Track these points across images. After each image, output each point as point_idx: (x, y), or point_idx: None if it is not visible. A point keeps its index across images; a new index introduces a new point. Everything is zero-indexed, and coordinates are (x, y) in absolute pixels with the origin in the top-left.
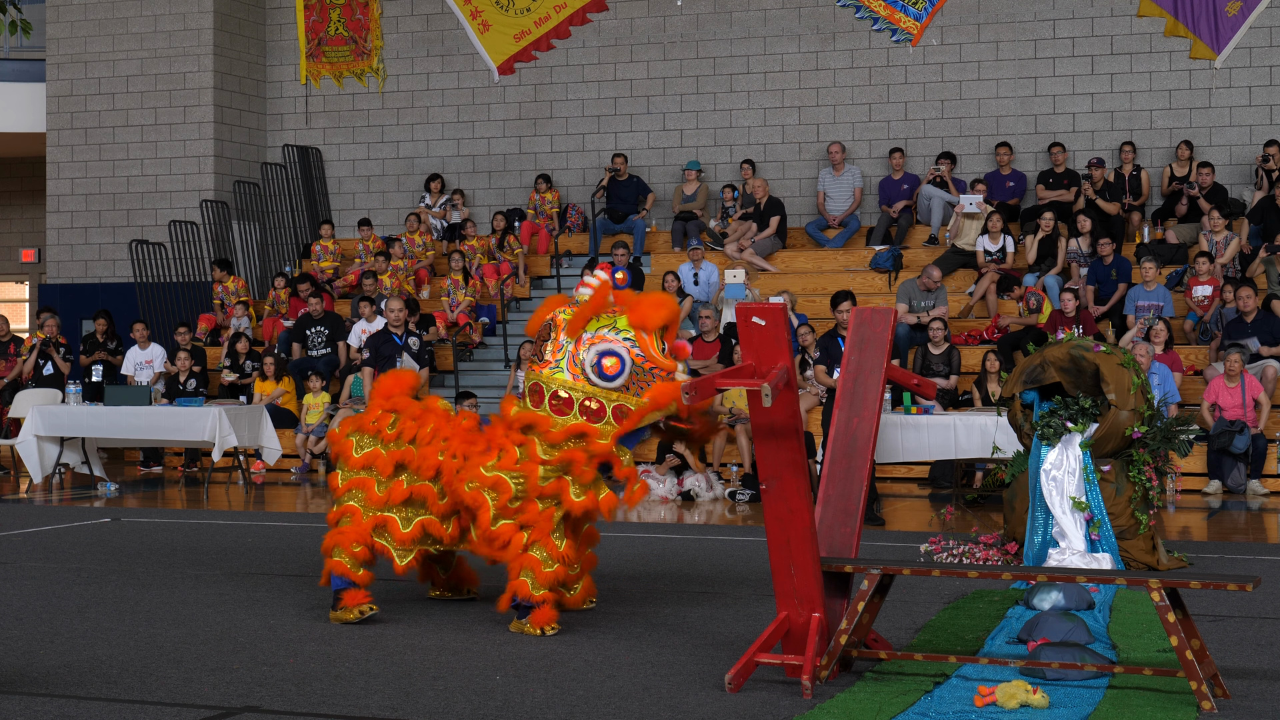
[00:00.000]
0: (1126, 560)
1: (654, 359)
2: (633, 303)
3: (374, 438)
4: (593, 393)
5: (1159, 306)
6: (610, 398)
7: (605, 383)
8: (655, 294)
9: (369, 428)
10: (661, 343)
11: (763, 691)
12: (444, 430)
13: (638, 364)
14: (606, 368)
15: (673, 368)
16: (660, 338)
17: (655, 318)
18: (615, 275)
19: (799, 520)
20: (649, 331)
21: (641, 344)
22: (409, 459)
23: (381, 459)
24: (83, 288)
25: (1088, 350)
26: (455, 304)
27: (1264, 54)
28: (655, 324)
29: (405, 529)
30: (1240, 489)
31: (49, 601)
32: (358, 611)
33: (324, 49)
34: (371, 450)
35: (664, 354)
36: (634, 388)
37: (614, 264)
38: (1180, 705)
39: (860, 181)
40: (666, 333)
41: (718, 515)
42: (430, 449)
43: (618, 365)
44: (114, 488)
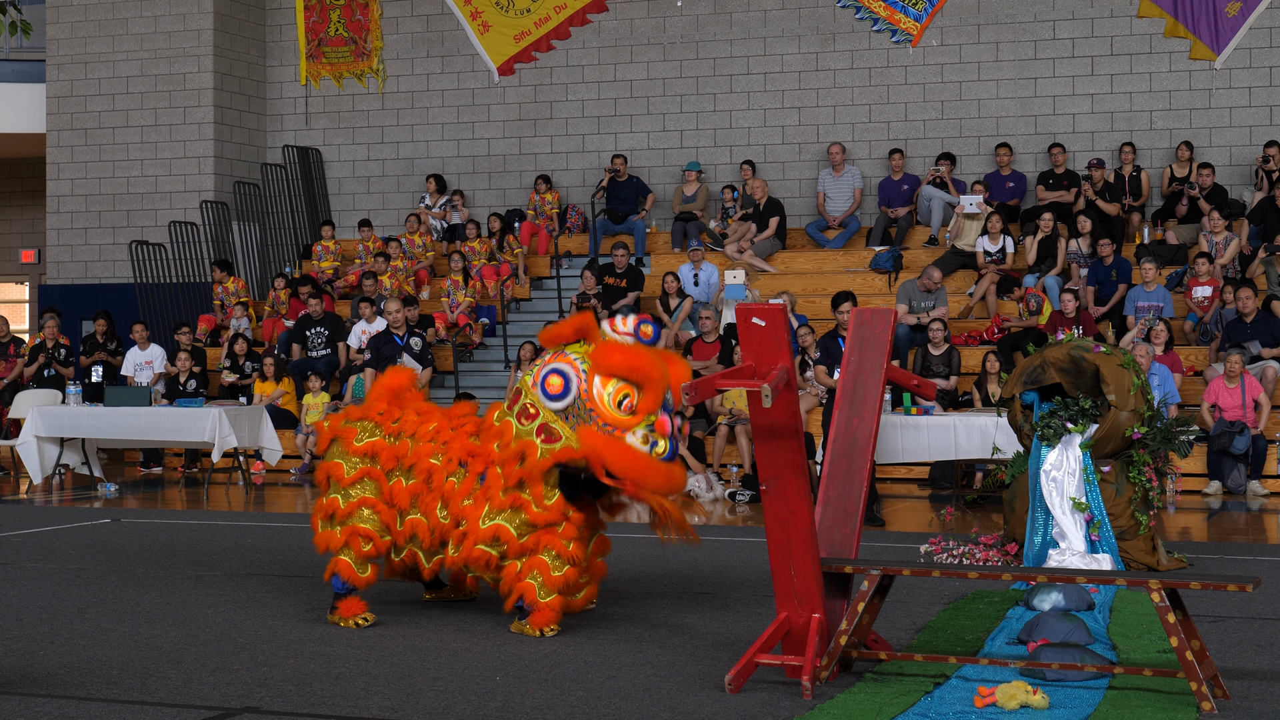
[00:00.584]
0: (1126, 561)
1: (596, 403)
2: (611, 345)
3: (377, 427)
4: (535, 400)
5: (1159, 307)
6: (545, 414)
7: (545, 399)
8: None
9: (373, 417)
10: (621, 397)
11: (763, 692)
12: (444, 432)
13: (581, 396)
14: (549, 385)
15: (620, 423)
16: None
17: (609, 362)
18: (640, 329)
19: (799, 521)
20: (603, 375)
21: (591, 383)
22: (403, 454)
23: (386, 450)
24: (83, 288)
25: (1088, 351)
26: (455, 304)
27: (1264, 55)
28: (607, 368)
29: (399, 526)
30: (1240, 490)
31: (49, 602)
32: (354, 622)
33: (324, 50)
34: (376, 440)
35: (619, 408)
36: (570, 419)
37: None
38: (1180, 706)
39: (860, 182)
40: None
41: (718, 516)
42: (425, 448)
43: (561, 386)
44: (114, 488)
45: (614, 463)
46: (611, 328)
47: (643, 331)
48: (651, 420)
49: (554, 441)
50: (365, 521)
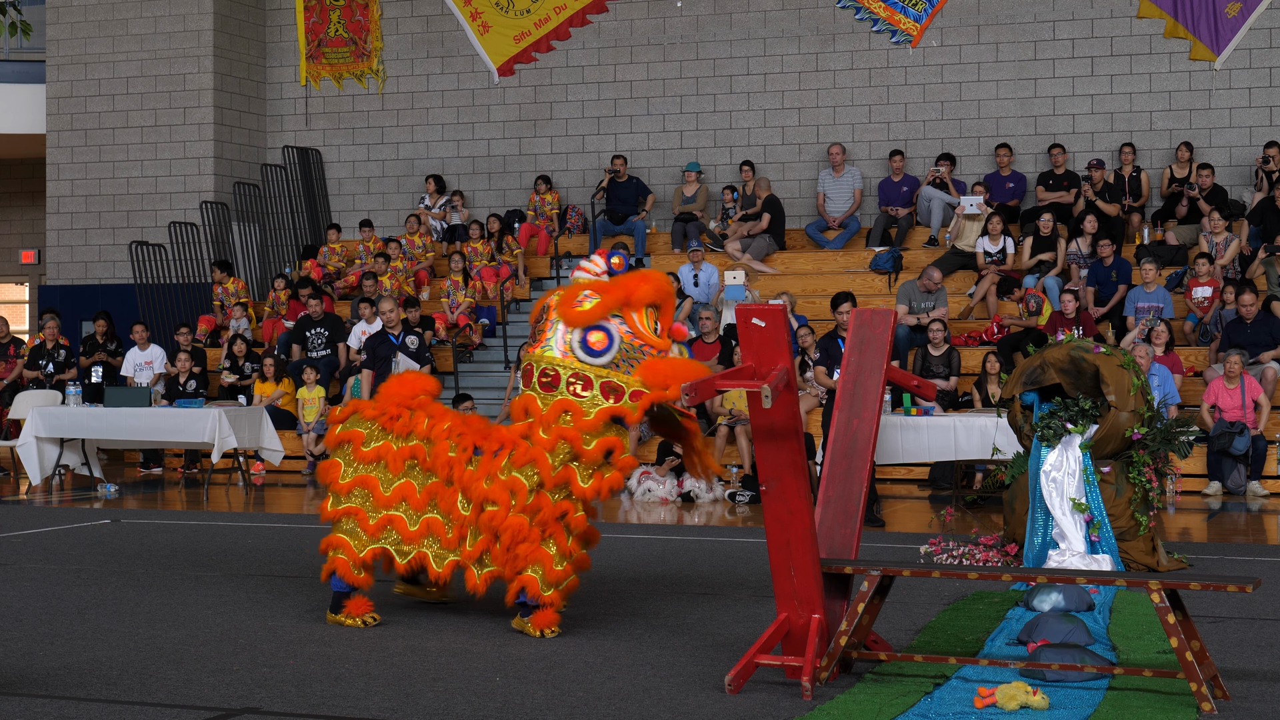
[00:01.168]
0: (1126, 561)
1: (643, 336)
2: (620, 280)
3: (384, 430)
4: (580, 369)
5: (1159, 308)
6: (599, 374)
7: (592, 358)
8: (645, 271)
9: (383, 421)
10: (654, 322)
11: (763, 693)
12: (458, 426)
13: (626, 341)
14: (592, 343)
15: (663, 345)
16: (652, 317)
17: (639, 293)
18: (611, 260)
19: (799, 521)
20: (635, 308)
21: (629, 321)
22: (420, 454)
23: (393, 453)
24: (83, 289)
25: (1087, 352)
26: (455, 305)
27: (1264, 55)
28: (639, 300)
29: (412, 527)
30: (1240, 490)
31: (49, 603)
32: (361, 621)
33: (324, 50)
34: (382, 444)
35: (656, 333)
36: (624, 365)
37: (611, 250)
38: (1180, 707)
39: (860, 183)
40: (661, 313)
41: (718, 516)
42: (443, 445)
43: (605, 341)
44: (114, 489)
45: (687, 376)
46: (585, 272)
47: (614, 263)
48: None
49: (620, 399)
50: (346, 534)
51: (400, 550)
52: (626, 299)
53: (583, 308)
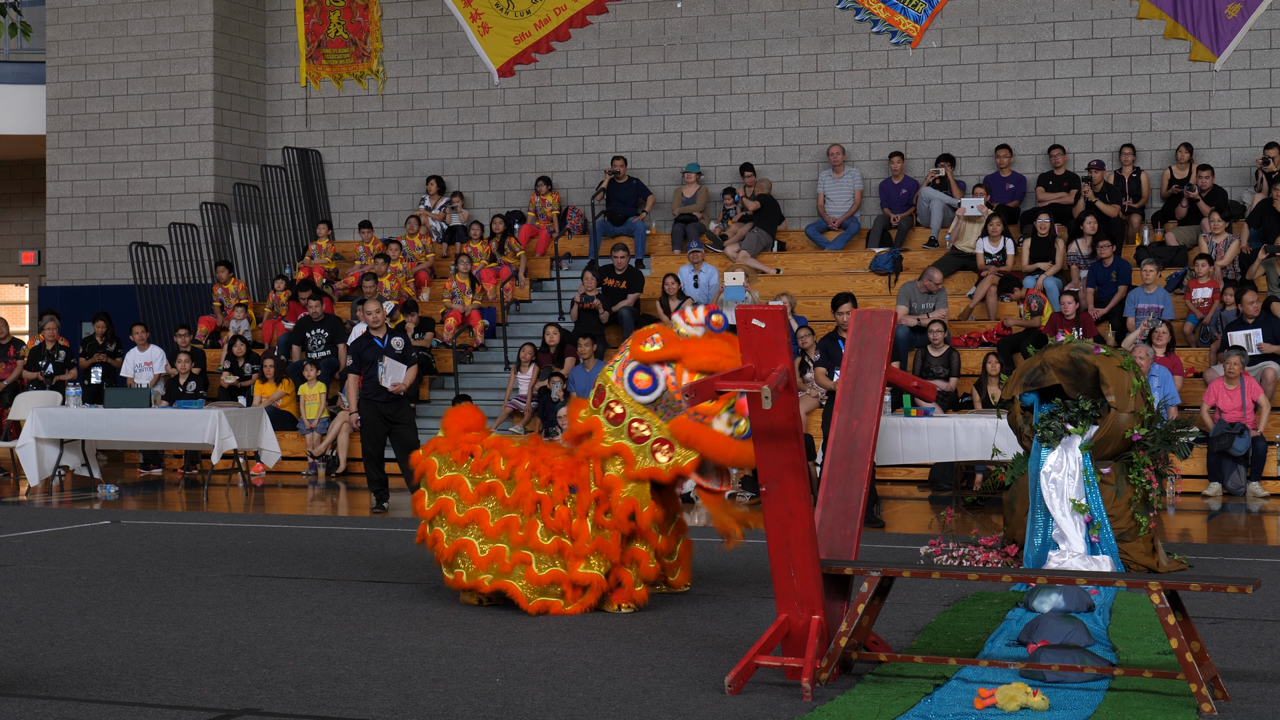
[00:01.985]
0: (1126, 562)
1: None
2: (694, 340)
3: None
4: (621, 398)
5: (1159, 309)
6: (634, 409)
7: (634, 394)
8: (721, 339)
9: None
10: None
11: (763, 694)
12: (539, 467)
13: (669, 391)
14: (638, 380)
15: (706, 410)
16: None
17: (693, 359)
18: (711, 318)
19: (799, 522)
20: (689, 369)
21: (679, 375)
22: (499, 492)
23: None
24: (83, 290)
25: (1087, 352)
26: (462, 306)
27: (1264, 56)
28: (691, 365)
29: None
30: (1240, 491)
31: (49, 604)
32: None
33: (324, 51)
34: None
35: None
36: (661, 411)
37: (714, 309)
38: (1180, 708)
39: (860, 184)
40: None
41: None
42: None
43: (649, 382)
44: (114, 490)
45: (709, 448)
46: (683, 319)
47: (714, 321)
48: (733, 403)
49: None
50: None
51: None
52: (679, 356)
53: (645, 348)
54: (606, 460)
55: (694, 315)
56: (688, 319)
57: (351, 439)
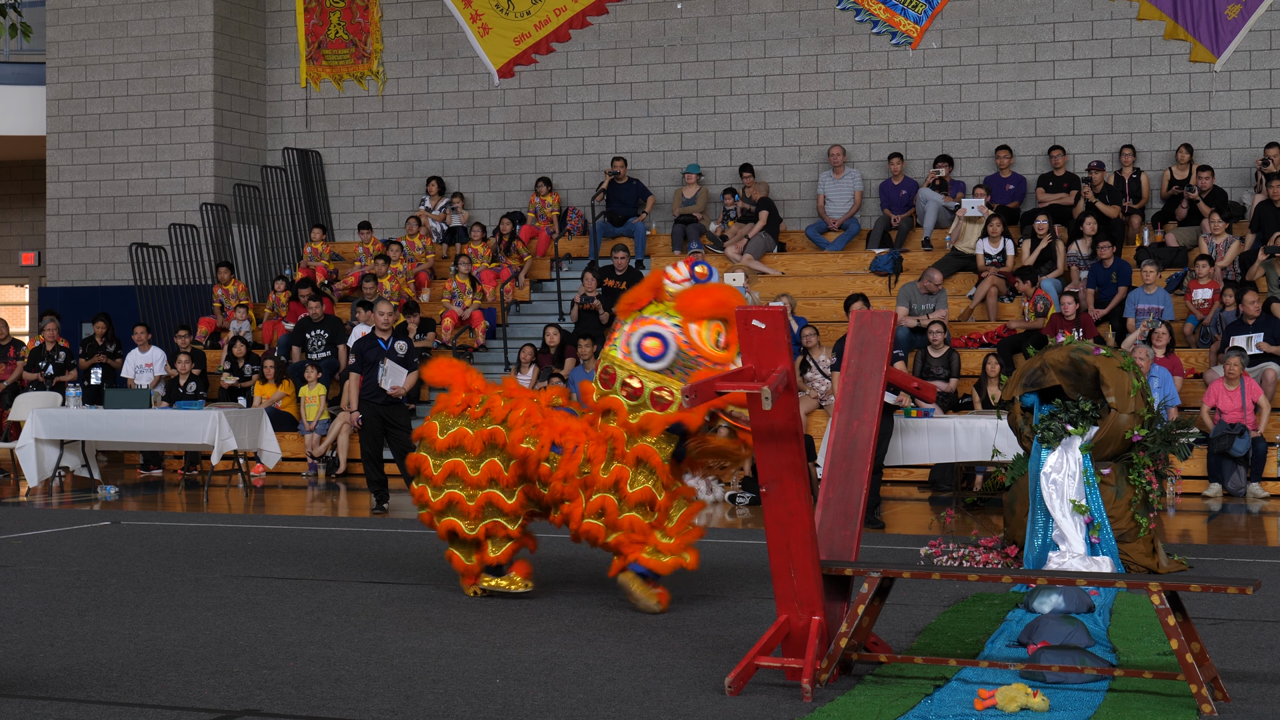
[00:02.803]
0: (1126, 563)
1: (699, 347)
2: (692, 292)
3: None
4: (635, 371)
5: (1159, 310)
6: (651, 379)
7: (646, 363)
8: (713, 285)
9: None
10: (716, 334)
11: (763, 695)
12: (535, 416)
13: (683, 349)
14: (647, 348)
15: (723, 359)
16: (715, 330)
17: (697, 305)
18: (695, 269)
19: (799, 523)
20: (695, 320)
21: (688, 331)
22: (499, 439)
23: (470, 438)
24: (83, 291)
25: (1088, 353)
26: (463, 307)
27: (1264, 57)
28: (697, 312)
29: (510, 500)
30: (1240, 492)
31: (49, 604)
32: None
33: (324, 52)
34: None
35: (718, 346)
36: (678, 373)
37: (696, 259)
38: (1180, 708)
39: (860, 184)
40: (729, 327)
41: (717, 518)
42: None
43: (660, 347)
44: (114, 491)
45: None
46: (668, 279)
47: (698, 272)
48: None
49: (669, 406)
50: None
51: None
52: (684, 309)
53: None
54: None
55: (678, 271)
56: (672, 277)
57: (351, 440)
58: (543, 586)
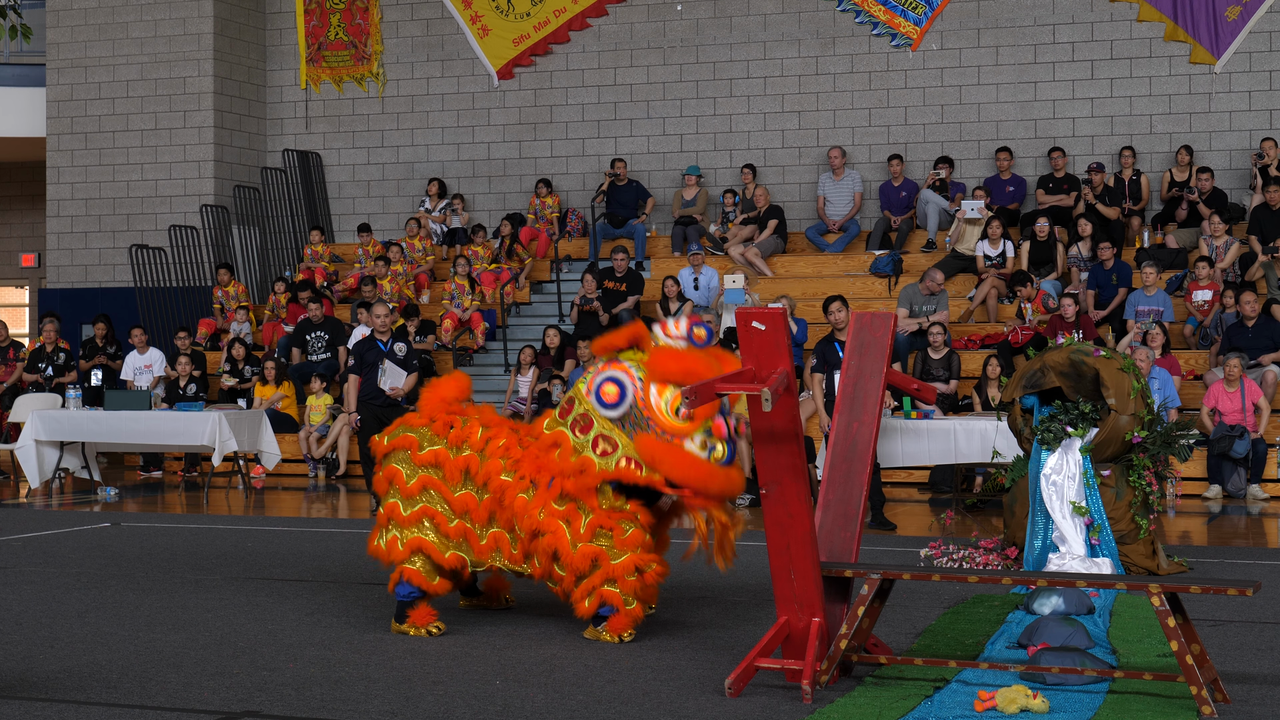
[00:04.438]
0: (1126, 565)
1: (654, 411)
2: (666, 352)
3: (439, 438)
4: (588, 410)
5: (1159, 311)
6: (600, 423)
7: (600, 407)
8: (693, 352)
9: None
10: (678, 405)
11: (763, 696)
12: (514, 450)
13: (638, 404)
14: (604, 393)
15: (677, 430)
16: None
17: (665, 369)
18: (694, 331)
19: (799, 525)
20: (659, 382)
21: (647, 390)
22: (473, 467)
23: (450, 462)
24: (83, 292)
25: (1088, 355)
26: (462, 308)
27: (1263, 59)
28: (662, 375)
29: (482, 541)
30: (1240, 494)
31: (49, 606)
32: (426, 630)
33: (324, 53)
34: (440, 449)
35: (676, 415)
36: (628, 427)
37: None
38: (1180, 710)
39: (860, 186)
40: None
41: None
42: (495, 465)
43: (616, 395)
44: (114, 492)
45: (673, 471)
46: (664, 331)
47: (695, 334)
48: (709, 425)
49: (610, 454)
50: (427, 534)
51: (473, 562)
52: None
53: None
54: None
55: (675, 328)
56: (668, 331)
57: (351, 442)
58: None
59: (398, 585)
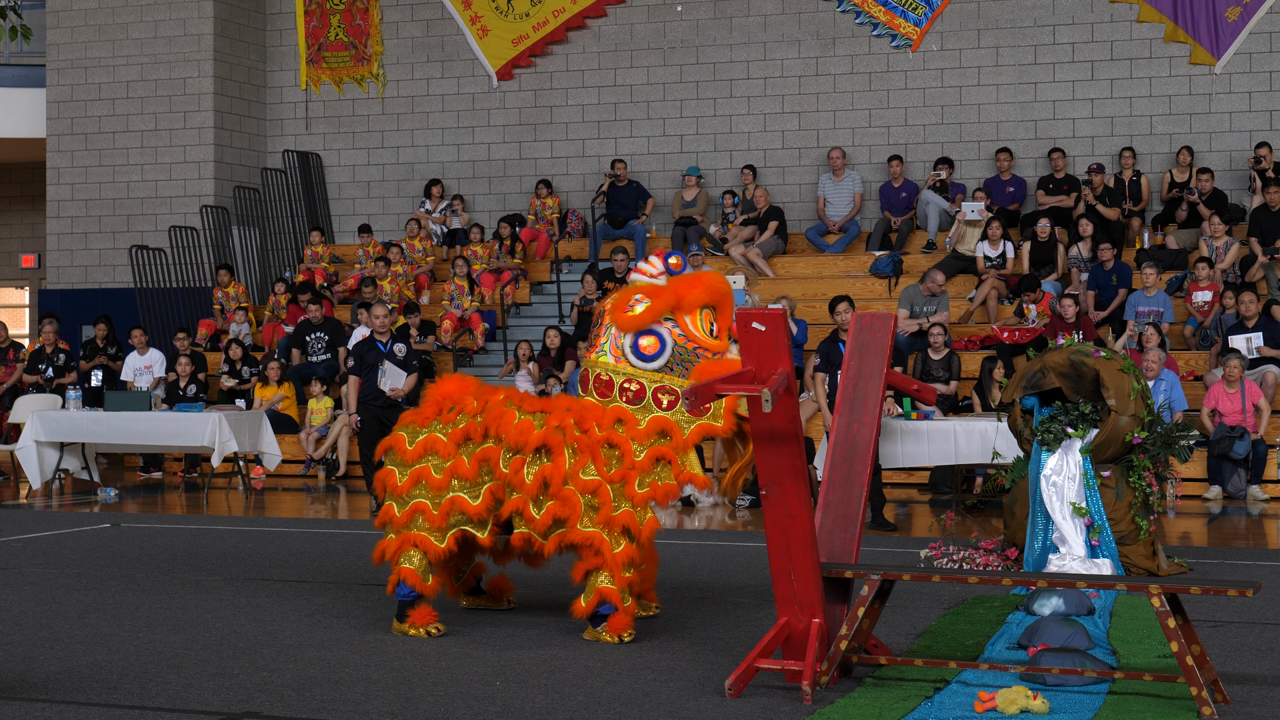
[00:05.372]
0: (1127, 566)
1: (696, 338)
2: (671, 283)
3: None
4: (632, 374)
5: (1159, 312)
6: (651, 379)
7: (644, 363)
8: (699, 273)
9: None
10: (709, 324)
11: (763, 697)
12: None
13: (679, 344)
14: (644, 348)
15: (719, 347)
16: (708, 318)
17: (690, 295)
18: (669, 260)
19: (799, 526)
20: (687, 311)
21: (682, 324)
22: (474, 432)
23: (441, 443)
24: (83, 293)
25: (1088, 355)
26: (461, 309)
27: (1264, 59)
28: (690, 302)
29: (476, 501)
30: (1240, 494)
31: (49, 607)
32: (425, 631)
33: (324, 54)
34: (427, 437)
35: (712, 334)
36: (678, 369)
37: (668, 251)
38: (1180, 711)
39: (860, 187)
40: (719, 313)
41: (718, 521)
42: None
43: (656, 345)
44: (114, 493)
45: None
46: (643, 275)
47: (672, 264)
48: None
49: (674, 405)
50: (420, 529)
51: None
52: (677, 302)
53: (633, 312)
54: (652, 441)
55: (652, 266)
56: (646, 272)
57: (351, 442)
58: (542, 589)
59: (396, 586)
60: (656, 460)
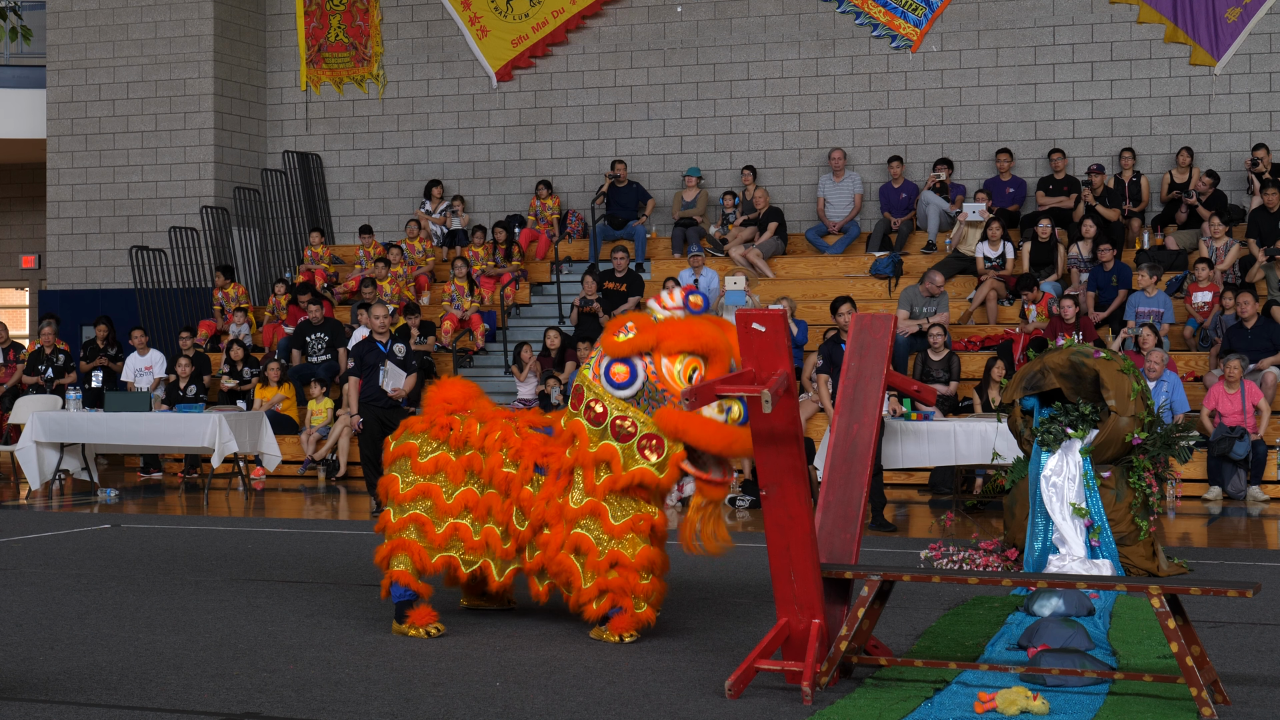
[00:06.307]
0: (1126, 566)
1: (665, 382)
2: (665, 323)
3: (441, 443)
4: (600, 395)
5: (1159, 313)
6: (615, 406)
7: (613, 390)
8: (700, 320)
9: (436, 433)
10: (690, 370)
11: (763, 698)
12: (511, 440)
13: (650, 381)
14: (615, 374)
15: None
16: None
17: (669, 341)
18: (689, 299)
19: (799, 526)
20: (666, 354)
21: (658, 364)
22: (476, 465)
23: (451, 464)
24: (83, 294)
25: (1088, 356)
26: (461, 310)
27: (1263, 60)
28: (669, 347)
29: (475, 536)
30: (1240, 495)
31: (49, 608)
32: (425, 631)
33: (324, 55)
34: (439, 454)
35: (689, 383)
36: (644, 404)
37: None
38: (1180, 711)
39: (860, 187)
40: (709, 365)
41: None
42: (496, 458)
43: (627, 374)
44: (114, 494)
45: (699, 438)
46: (659, 304)
47: (692, 302)
48: None
49: (630, 438)
50: (410, 536)
51: (465, 560)
52: (657, 343)
53: (618, 339)
54: (597, 467)
55: (670, 299)
56: (664, 303)
57: (351, 443)
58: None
59: (390, 587)
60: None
